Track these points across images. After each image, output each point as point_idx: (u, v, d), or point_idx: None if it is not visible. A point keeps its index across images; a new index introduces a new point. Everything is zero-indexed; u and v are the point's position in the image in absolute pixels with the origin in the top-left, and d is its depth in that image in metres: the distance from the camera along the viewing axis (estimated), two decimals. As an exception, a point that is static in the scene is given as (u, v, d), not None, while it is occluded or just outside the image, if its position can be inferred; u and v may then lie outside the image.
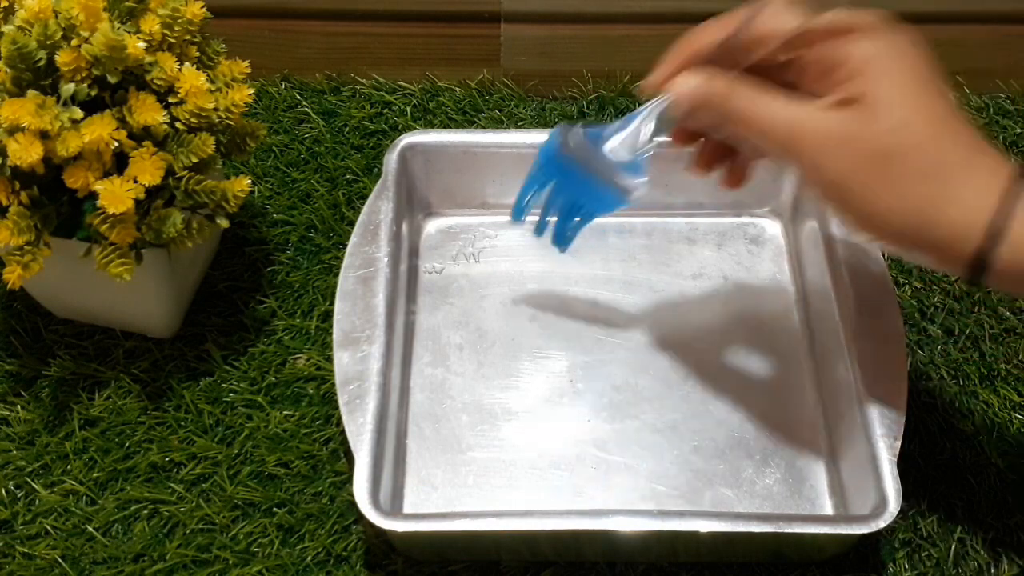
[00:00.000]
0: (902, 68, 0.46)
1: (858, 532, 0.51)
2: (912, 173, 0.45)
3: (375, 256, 0.61)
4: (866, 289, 0.59)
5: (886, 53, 0.46)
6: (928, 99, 0.46)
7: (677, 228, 0.69)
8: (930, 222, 0.45)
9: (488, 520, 0.52)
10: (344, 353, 0.57)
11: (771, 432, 0.60)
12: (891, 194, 0.45)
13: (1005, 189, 0.44)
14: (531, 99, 0.77)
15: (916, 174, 0.45)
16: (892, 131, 0.45)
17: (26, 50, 0.52)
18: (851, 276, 0.60)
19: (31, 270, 0.53)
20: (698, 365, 0.63)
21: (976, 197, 0.44)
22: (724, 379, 0.62)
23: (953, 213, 0.44)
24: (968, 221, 0.44)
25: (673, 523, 0.51)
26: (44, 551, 0.57)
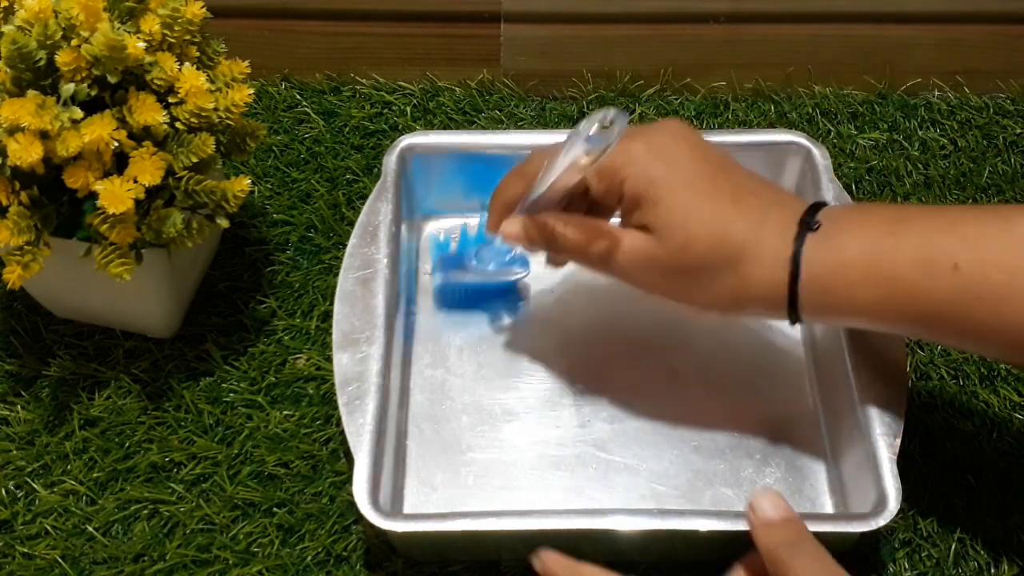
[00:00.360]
0: (667, 191, 0.51)
1: (858, 530, 0.51)
2: (711, 276, 0.52)
3: (374, 258, 0.60)
4: None
5: (651, 180, 0.52)
6: (700, 203, 0.52)
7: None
8: (742, 300, 0.52)
9: (488, 520, 0.52)
10: (344, 354, 0.57)
11: (771, 431, 0.60)
12: (702, 292, 0.53)
13: (791, 256, 0.50)
14: (531, 99, 0.77)
15: (715, 275, 0.52)
16: (682, 250, 0.51)
17: (26, 50, 0.52)
18: None
19: (31, 270, 0.53)
20: (698, 364, 0.63)
21: (771, 273, 0.51)
22: (724, 378, 0.62)
23: (757, 291, 0.51)
24: (770, 293, 0.51)
25: (673, 522, 0.51)
26: (44, 551, 0.57)
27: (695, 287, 0.52)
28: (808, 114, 0.76)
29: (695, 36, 0.79)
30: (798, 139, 0.65)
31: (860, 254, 0.49)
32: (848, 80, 0.78)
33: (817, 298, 0.51)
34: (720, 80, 0.78)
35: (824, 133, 0.75)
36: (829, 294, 0.50)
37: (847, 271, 0.50)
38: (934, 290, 0.48)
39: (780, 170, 0.66)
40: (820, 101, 0.77)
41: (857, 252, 0.50)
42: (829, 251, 0.50)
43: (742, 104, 0.77)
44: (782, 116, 0.76)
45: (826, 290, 0.50)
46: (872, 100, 0.77)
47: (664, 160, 0.52)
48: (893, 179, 0.72)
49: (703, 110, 0.76)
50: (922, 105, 0.77)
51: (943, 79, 0.78)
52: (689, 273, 0.52)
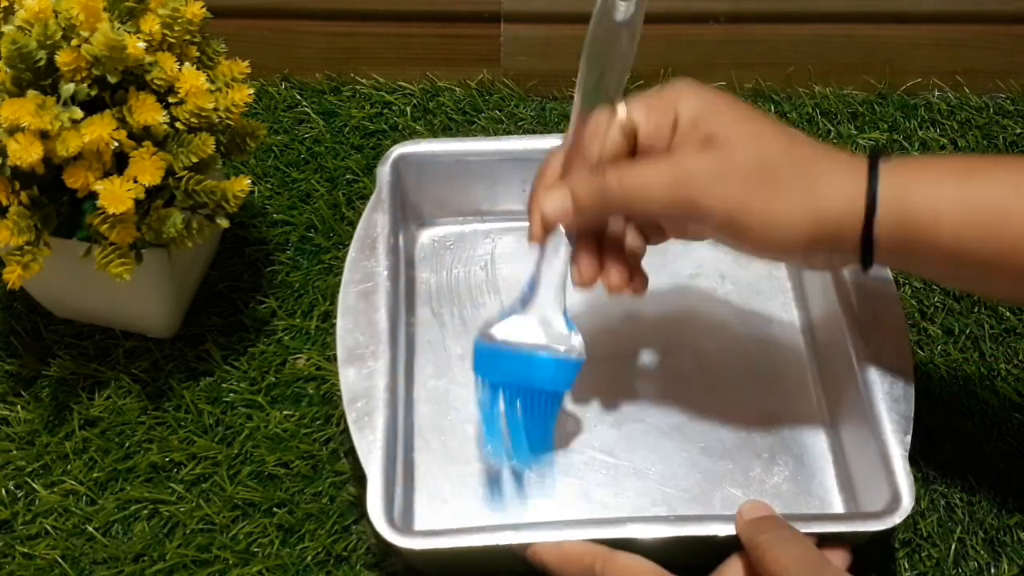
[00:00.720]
0: (726, 107, 0.50)
1: (873, 529, 0.50)
2: (787, 179, 0.49)
3: (374, 270, 0.60)
4: (867, 282, 0.59)
5: (708, 99, 0.51)
6: (762, 119, 0.51)
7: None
8: (817, 214, 0.49)
9: (505, 534, 0.51)
10: (350, 370, 0.56)
11: (777, 430, 0.60)
12: (781, 202, 0.49)
13: (866, 172, 0.48)
14: (531, 99, 0.77)
15: (790, 178, 0.49)
16: (753, 151, 0.49)
17: (26, 50, 0.52)
18: (853, 274, 0.60)
19: (31, 270, 0.53)
20: (700, 365, 0.63)
21: (846, 185, 0.48)
22: (727, 378, 0.62)
23: (834, 201, 0.48)
24: (846, 207, 0.48)
25: (690, 528, 0.51)
26: (44, 551, 0.57)
27: (770, 194, 0.48)
28: (808, 114, 0.76)
29: (695, 36, 0.79)
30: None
31: (945, 177, 0.48)
32: (848, 80, 0.78)
33: (897, 218, 0.48)
34: (720, 80, 0.78)
35: (824, 133, 0.75)
36: (910, 212, 0.48)
37: (931, 190, 0.48)
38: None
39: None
40: (820, 101, 0.77)
41: (940, 176, 0.48)
42: (908, 170, 0.48)
43: (742, 104, 0.77)
44: (782, 116, 0.76)
45: (907, 207, 0.48)
46: (872, 100, 0.77)
47: (714, 90, 0.51)
48: (893, 179, 0.72)
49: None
50: (922, 105, 0.77)
51: (943, 79, 0.78)
52: (766, 175, 0.48)
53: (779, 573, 0.45)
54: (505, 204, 0.68)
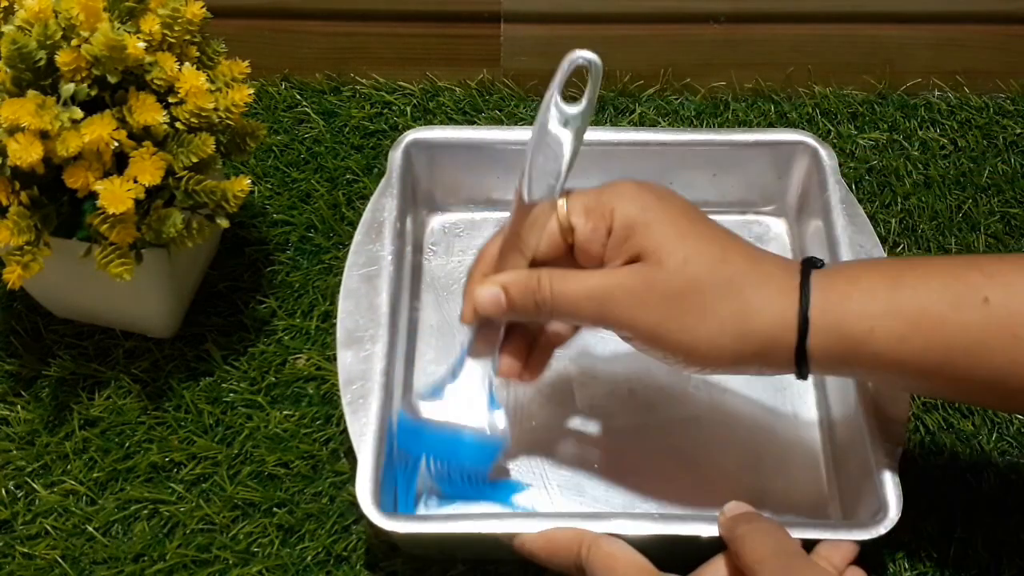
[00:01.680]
0: (661, 217, 0.49)
1: (859, 539, 0.51)
2: (713, 299, 0.48)
3: (379, 254, 0.60)
4: None
5: (644, 206, 0.50)
6: (696, 231, 0.50)
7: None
8: (746, 335, 0.48)
9: (490, 522, 0.52)
10: (347, 352, 0.57)
11: (772, 434, 0.60)
12: (704, 323, 0.48)
13: (797, 288, 0.48)
14: (531, 99, 0.77)
15: (717, 299, 0.48)
16: (680, 270, 0.48)
17: (26, 50, 0.52)
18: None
19: (31, 270, 0.53)
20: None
21: (777, 303, 0.48)
22: (726, 380, 0.62)
23: (762, 321, 0.48)
24: (778, 324, 0.48)
25: (675, 527, 0.51)
26: (44, 551, 0.57)
27: (694, 315, 0.48)
28: (808, 114, 0.76)
29: (695, 36, 0.79)
30: (805, 139, 0.65)
31: (878, 287, 0.47)
32: (848, 80, 0.78)
33: (830, 333, 0.47)
34: (720, 80, 0.78)
35: (824, 133, 0.75)
36: (844, 327, 0.47)
37: (863, 303, 0.47)
38: (964, 324, 0.46)
39: (786, 170, 0.66)
40: (820, 101, 0.77)
41: (874, 285, 0.48)
42: (840, 282, 0.48)
43: (742, 104, 0.77)
44: (782, 116, 0.76)
45: (840, 321, 0.47)
46: (872, 100, 0.77)
47: (654, 193, 0.51)
48: (893, 179, 0.72)
49: (703, 110, 0.76)
50: (922, 105, 0.77)
51: (943, 79, 0.78)
52: (690, 295, 0.48)
53: (756, 563, 0.45)
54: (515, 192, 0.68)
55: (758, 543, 0.47)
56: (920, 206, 0.71)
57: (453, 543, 0.55)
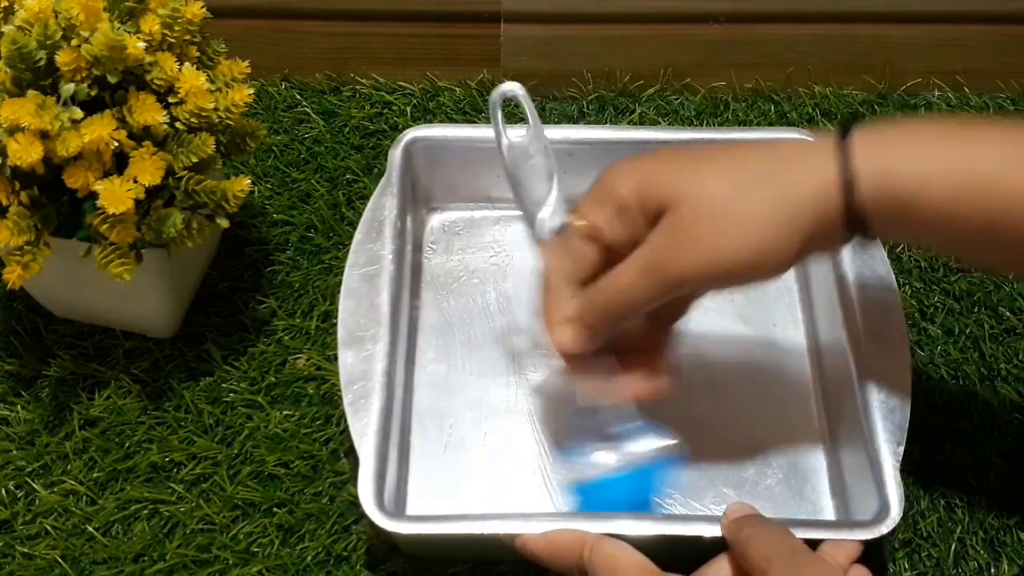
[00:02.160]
0: (660, 166, 0.49)
1: (861, 538, 0.51)
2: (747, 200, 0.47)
3: (380, 253, 0.60)
4: (870, 290, 0.59)
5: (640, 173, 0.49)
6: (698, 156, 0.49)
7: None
8: (793, 216, 0.46)
9: (491, 523, 0.52)
10: (349, 352, 0.57)
11: (773, 432, 0.60)
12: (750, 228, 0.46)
13: (835, 145, 0.46)
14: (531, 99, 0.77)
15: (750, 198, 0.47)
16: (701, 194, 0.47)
17: (26, 50, 0.52)
18: (855, 277, 0.60)
19: (31, 270, 0.53)
20: (700, 364, 0.63)
21: (815, 165, 0.46)
22: (726, 378, 0.62)
23: (804, 192, 0.46)
24: (821, 189, 0.46)
25: (677, 527, 0.51)
26: (44, 551, 0.57)
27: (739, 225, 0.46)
28: (808, 114, 0.76)
29: (695, 36, 0.79)
30: (804, 138, 0.65)
31: (932, 143, 0.46)
32: (848, 80, 0.78)
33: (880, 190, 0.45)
34: (720, 80, 0.78)
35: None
36: (895, 183, 0.45)
37: (915, 159, 0.45)
38: (1018, 185, 0.44)
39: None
40: (820, 101, 0.77)
41: (926, 141, 0.46)
42: (888, 139, 0.46)
43: (742, 104, 0.77)
44: (782, 116, 0.76)
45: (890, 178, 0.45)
46: (872, 100, 0.77)
47: (642, 155, 0.50)
48: (893, 179, 0.72)
49: (703, 110, 0.76)
50: (922, 105, 0.77)
51: (943, 79, 0.78)
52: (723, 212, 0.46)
53: (763, 562, 0.45)
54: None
55: (765, 542, 0.47)
56: (920, 206, 0.71)
57: (454, 544, 0.55)
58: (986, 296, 0.67)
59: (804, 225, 0.46)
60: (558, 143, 0.66)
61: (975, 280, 0.67)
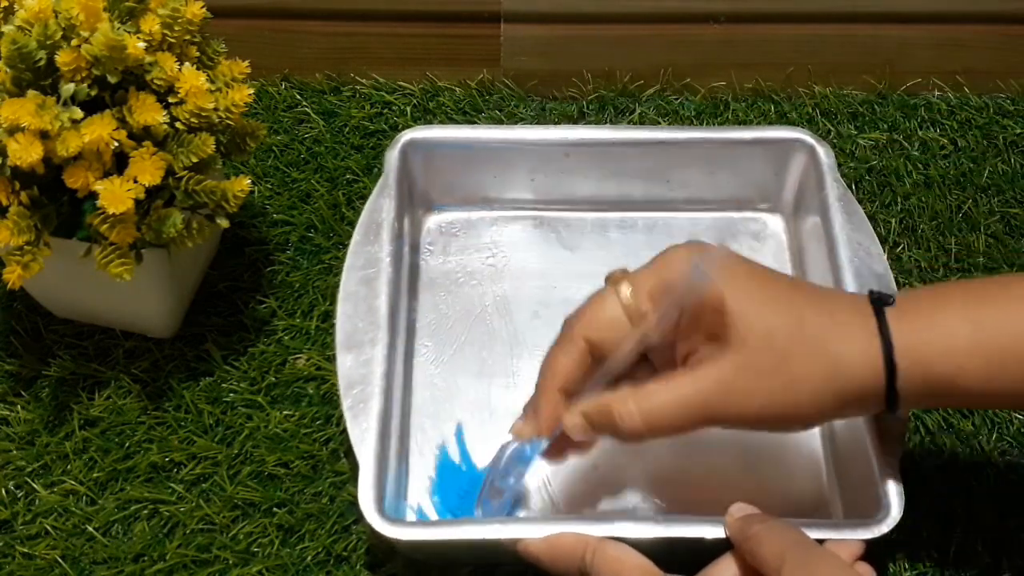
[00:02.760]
0: (732, 287, 0.48)
1: (861, 537, 0.51)
2: (803, 365, 0.48)
3: (377, 256, 0.60)
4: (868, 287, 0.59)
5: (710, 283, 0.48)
6: (768, 294, 0.49)
7: (679, 224, 0.69)
8: (841, 390, 0.48)
9: (492, 527, 0.52)
10: (347, 356, 0.57)
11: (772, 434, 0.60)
12: (803, 392, 0.48)
13: (875, 330, 0.48)
14: (531, 99, 0.77)
15: (807, 364, 0.48)
16: (767, 345, 0.48)
17: (26, 50, 0.52)
18: (853, 273, 0.60)
19: (31, 270, 0.53)
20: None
21: (861, 350, 0.48)
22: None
23: (853, 374, 0.48)
24: (868, 373, 0.48)
25: (678, 529, 0.51)
26: (44, 551, 0.57)
27: (794, 386, 0.48)
28: (808, 114, 0.76)
29: (695, 36, 0.79)
30: (802, 136, 0.65)
31: (958, 328, 0.47)
32: (848, 80, 0.78)
33: (917, 376, 0.47)
34: (720, 80, 0.78)
35: (824, 133, 0.75)
36: (931, 369, 0.47)
37: (946, 344, 0.47)
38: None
39: (783, 168, 0.66)
40: (820, 101, 0.77)
41: (954, 327, 0.47)
42: (920, 323, 0.48)
43: (742, 104, 0.77)
44: (782, 116, 0.76)
45: (927, 365, 0.47)
46: (872, 100, 0.77)
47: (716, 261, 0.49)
48: (893, 179, 0.72)
49: (703, 110, 0.76)
50: (922, 105, 0.77)
51: (943, 79, 0.78)
52: (782, 369, 0.48)
53: (775, 559, 0.45)
54: (512, 192, 0.68)
55: (775, 539, 0.47)
56: (920, 206, 0.71)
57: (455, 549, 0.54)
58: (986, 296, 0.67)
59: (847, 398, 0.48)
60: (557, 143, 0.66)
61: (975, 280, 0.67)
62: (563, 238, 0.68)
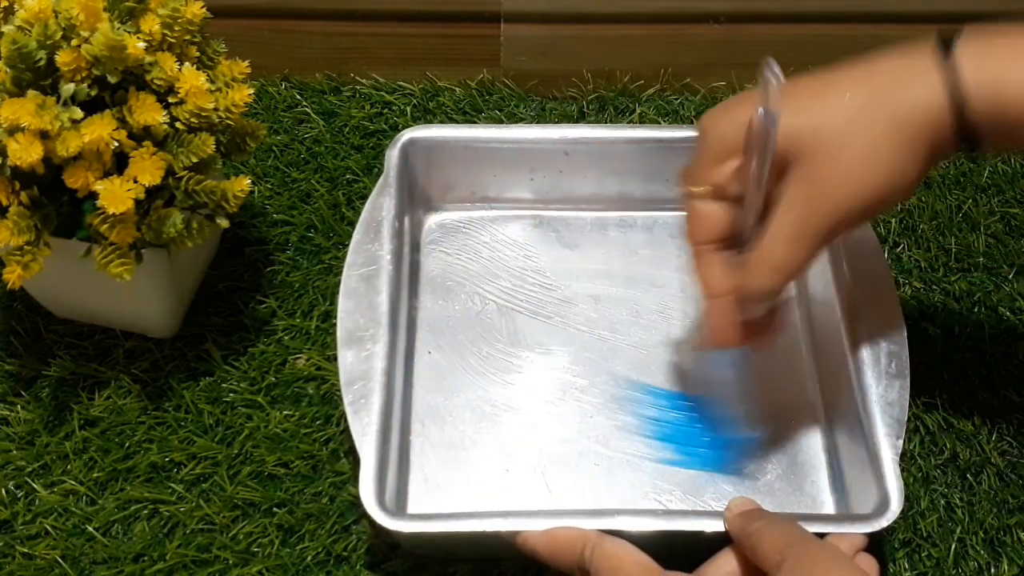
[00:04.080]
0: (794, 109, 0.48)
1: (861, 531, 0.51)
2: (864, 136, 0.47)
3: (378, 253, 0.61)
4: (867, 285, 0.59)
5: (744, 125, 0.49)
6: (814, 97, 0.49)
7: (678, 223, 0.69)
8: (913, 141, 0.47)
9: (493, 520, 0.52)
10: (348, 352, 0.57)
11: (773, 428, 0.60)
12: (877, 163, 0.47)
13: (939, 63, 0.46)
14: (531, 99, 0.77)
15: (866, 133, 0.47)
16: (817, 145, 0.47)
17: (26, 50, 0.52)
18: (852, 272, 0.60)
19: (31, 270, 0.53)
20: (699, 360, 0.63)
21: (922, 91, 0.46)
22: (725, 374, 0.62)
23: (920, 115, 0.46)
24: (935, 111, 0.46)
25: (677, 523, 0.51)
26: (44, 551, 0.57)
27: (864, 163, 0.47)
28: (808, 114, 0.76)
29: (695, 36, 0.79)
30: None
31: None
32: (848, 80, 0.78)
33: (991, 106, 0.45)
34: (720, 80, 0.78)
35: (824, 133, 0.75)
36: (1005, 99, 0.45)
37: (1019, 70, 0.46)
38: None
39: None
40: (820, 101, 0.77)
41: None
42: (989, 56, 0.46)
43: (742, 104, 0.76)
44: (782, 116, 0.76)
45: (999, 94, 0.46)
46: (872, 100, 0.77)
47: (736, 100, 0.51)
48: (893, 179, 0.72)
49: (703, 110, 0.76)
50: (922, 105, 0.76)
51: (943, 79, 0.78)
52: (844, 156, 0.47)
53: (776, 554, 0.46)
54: (512, 192, 0.68)
55: (776, 535, 0.47)
56: (920, 206, 0.71)
57: (456, 542, 0.55)
58: (986, 296, 0.67)
59: (923, 148, 0.47)
60: (556, 142, 0.66)
61: (975, 280, 0.67)
62: (563, 237, 0.68)
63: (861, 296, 0.59)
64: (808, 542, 0.46)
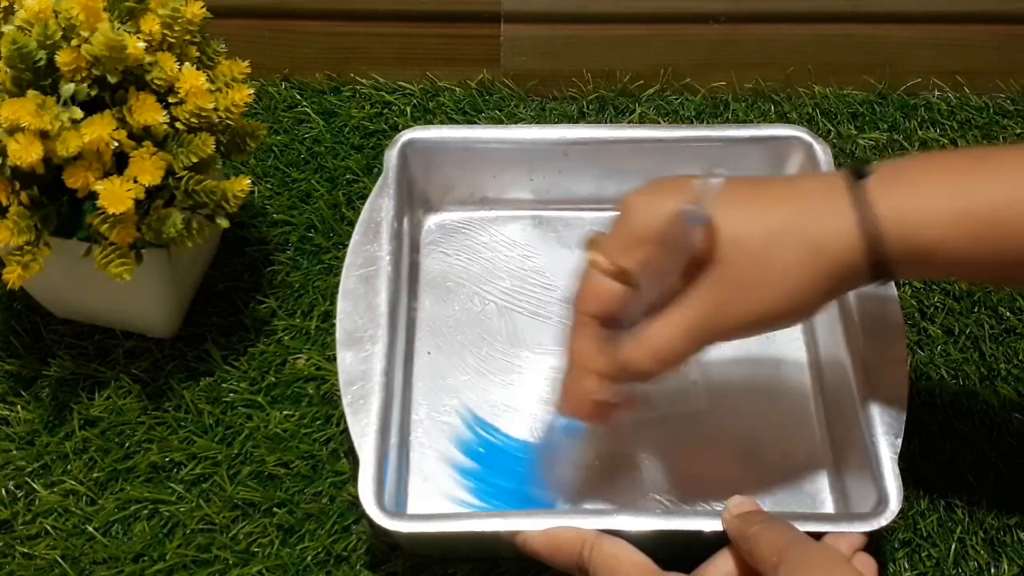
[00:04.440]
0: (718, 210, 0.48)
1: (860, 531, 0.51)
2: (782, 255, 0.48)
3: (377, 254, 0.61)
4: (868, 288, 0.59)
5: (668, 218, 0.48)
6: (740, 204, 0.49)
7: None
8: (827, 271, 0.48)
9: (492, 520, 0.52)
10: (347, 353, 0.57)
11: (772, 428, 0.60)
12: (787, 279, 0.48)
13: (850, 200, 0.47)
14: (531, 99, 0.77)
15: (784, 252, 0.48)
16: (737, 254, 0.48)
17: (26, 50, 0.52)
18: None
19: (31, 270, 0.53)
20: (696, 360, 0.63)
21: (838, 222, 0.47)
22: (725, 375, 0.62)
23: (834, 252, 0.47)
24: (848, 242, 0.47)
25: (677, 522, 0.52)
26: (44, 551, 0.57)
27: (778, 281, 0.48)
28: (808, 114, 0.76)
29: (695, 36, 0.79)
30: (799, 134, 0.65)
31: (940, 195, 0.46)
32: (848, 80, 0.78)
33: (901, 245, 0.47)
34: (720, 80, 0.78)
35: (824, 133, 0.75)
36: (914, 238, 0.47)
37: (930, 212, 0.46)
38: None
39: (781, 165, 0.66)
40: (820, 101, 0.77)
41: (935, 186, 0.47)
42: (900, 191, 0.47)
43: (742, 104, 0.77)
44: (782, 116, 0.76)
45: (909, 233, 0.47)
46: (872, 100, 0.77)
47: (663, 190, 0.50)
48: (893, 179, 0.72)
49: (703, 110, 0.76)
50: (922, 105, 0.77)
51: (943, 79, 0.78)
52: (761, 270, 0.48)
53: (773, 556, 0.46)
54: (511, 192, 0.68)
55: (774, 536, 0.47)
56: (920, 206, 0.71)
57: (455, 542, 0.55)
58: (986, 296, 0.67)
59: (833, 278, 0.48)
60: (556, 142, 0.66)
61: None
62: (562, 237, 0.68)
63: (860, 294, 0.59)
64: (805, 544, 0.46)
